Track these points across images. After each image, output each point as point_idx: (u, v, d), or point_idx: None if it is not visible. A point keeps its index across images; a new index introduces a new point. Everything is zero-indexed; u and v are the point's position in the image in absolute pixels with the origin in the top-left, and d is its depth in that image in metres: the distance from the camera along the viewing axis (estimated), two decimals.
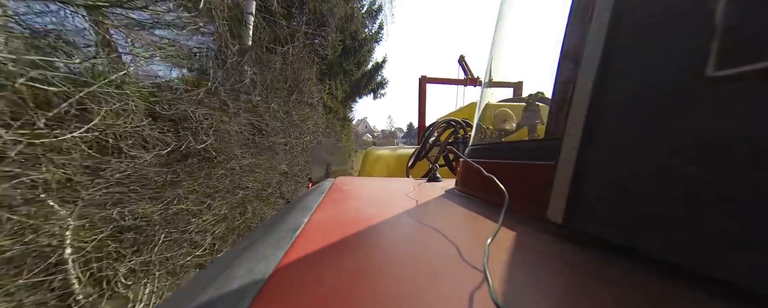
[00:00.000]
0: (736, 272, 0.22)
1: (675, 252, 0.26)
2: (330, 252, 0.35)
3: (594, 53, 0.36)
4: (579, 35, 0.43)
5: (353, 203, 0.65)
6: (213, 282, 0.28)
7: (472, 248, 0.36)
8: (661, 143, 0.28)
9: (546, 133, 0.60)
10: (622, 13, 0.34)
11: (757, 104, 0.21)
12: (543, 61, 0.63)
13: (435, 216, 0.55)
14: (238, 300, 0.24)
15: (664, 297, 0.25)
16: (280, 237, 0.39)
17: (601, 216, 0.34)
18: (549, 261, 0.33)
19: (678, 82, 0.27)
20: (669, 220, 0.26)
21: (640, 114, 0.31)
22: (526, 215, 0.49)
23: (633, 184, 0.30)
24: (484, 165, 0.62)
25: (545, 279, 0.29)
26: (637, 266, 0.29)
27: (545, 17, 0.69)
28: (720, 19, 0.24)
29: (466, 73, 5.00)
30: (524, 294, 0.25)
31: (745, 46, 0.22)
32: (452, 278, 0.28)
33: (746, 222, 0.21)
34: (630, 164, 0.31)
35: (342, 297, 0.24)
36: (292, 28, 5.63)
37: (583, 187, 0.36)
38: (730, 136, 0.23)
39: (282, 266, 0.30)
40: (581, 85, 0.38)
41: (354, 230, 0.44)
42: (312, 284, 0.26)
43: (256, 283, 0.26)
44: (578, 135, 0.37)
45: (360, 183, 1.04)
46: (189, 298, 0.26)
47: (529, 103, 1.18)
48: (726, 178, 0.23)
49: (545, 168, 0.44)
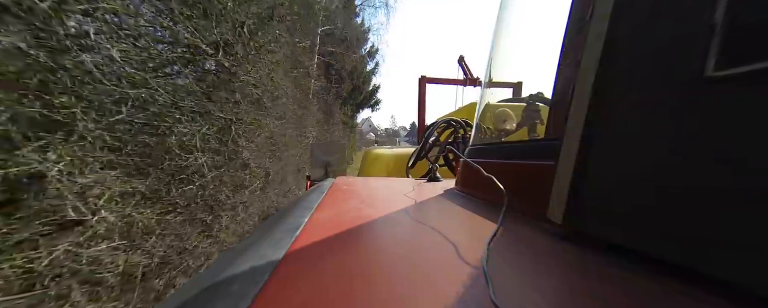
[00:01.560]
0: (735, 272, 0.22)
1: (674, 252, 0.26)
2: (330, 252, 0.35)
3: (594, 53, 0.36)
4: (579, 36, 0.43)
5: (353, 203, 0.65)
6: (213, 282, 0.28)
7: (471, 248, 0.36)
8: (661, 143, 0.28)
9: (546, 133, 0.60)
10: (622, 13, 0.34)
11: (757, 104, 0.21)
12: (543, 61, 0.63)
13: (435, 216, 0.55)
14: (238, 299, 0.24)
15: (663, 296, 0.25)
16: (280, 237, 0.39)
17: (601, 216, 0.34)
18: (549, 261, 0.33)
19: (677, 82, 0.27)
20: (668, 220, 0.26)
21: (639, 114, 0.31)
22: (526, 215, 0.49)
23: (633, 184, 0.30)
24: (484, 165, 0.62)
25: (545, 279, 0.29)
26: (637, 266, 0.30)
27: (545, 17, 0.69)
28: (719, 19, 0.24)
29: (466, 74, 5.00)
30: (524, 294, 0.25)
31: (744, 46, 0.22)
32: (452, 278, 0.28)
33: (746, 222, 0.21)
34: (630, 164, 0.31)
35: (342, 296, 0.24)
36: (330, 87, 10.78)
37: (583, 187, 0.36)
38: (729, 135, 0.23)
39: (282, 266, 0.30)
40: (581, 85, 0.38)
41: (354, 230, 0.44)
42: (312, 284, 0.26)
43: (256, 283, 0.26)
44: (578, 135, 0.37)
45: (360, 183, 1.04)
46: (189, 298, 0.26)
47: (528, 103, 1.18)
48: (726, 178, 0.23)
49: (545, 169, 0.44)
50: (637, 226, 0.29)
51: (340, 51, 10.70)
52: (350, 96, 13.64)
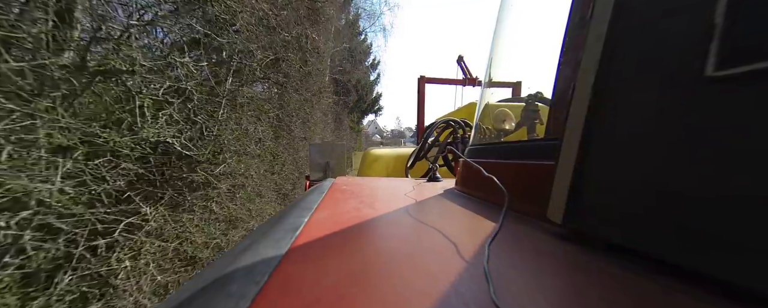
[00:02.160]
0: (736, 272, 0.22)
1: (675, 252, 0.26)
2: (330, 253, 0.35)
3: (594, 53, 0.36)
4: (579, 35, 0.43)
5: (353, 203, 0.65)
6: (213, 282, 0.28)
7: (472, 248, 0.36)
8: (661, 143, 0.28)
9: (546, 133, 0.61)
10: (622, 13, 0.34)
11: (757, 104, 0.21)
12: (543, 61, 0.63)
13: (435, 216, 0.55)
14: (238, 299, 0.24)
15: (663, 296, 0.25)
16: (280, 238, 0.39)
17: (601, 216, 0.34)
18: (549, 261, 0.33)
19: (677, 81, 0.27)
20: (668, 220, 0.26)
21: (639, 114, 0.31)
22: (526, 215, 0.49)
23: (633, 184, 0.30)
24: (483, 165, 0.62)
25: (545, 279, 0.29)
26: (637, 266, 0.30)
27: (545, 17, 0.69)
28: (719, 19, 0.24)
29: (465, 73, 5.00)
30: (524, 294, 0.25)
31: (744, 46, 0.22)
32: (452, 278, 0.28)
33: (746, 222, 0.21)
34: (630, 164, 0.31)
35: (342, 297, 0.24)
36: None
37: (583, 187, 0.36)
38: (729, 135, 0.23)
39: (282, 266, 0.30)
40: (581, 85, 0.38)
41: (354, 230, 0.44)
42: (312, 284, 0.26)
43: (256, 283, 0.26)
44: (578, 135, 0.37)
45: (360, 183, 1.04)
46: (189, 298, 0.26)
47: (528, 103, 1.18)
48: (726, 178, 0.23)
49: (545, 168, 0.44)
50: (637, 226, 0.29)
51: (347, 69, 12.70)
52: (356, 105, 15.93)
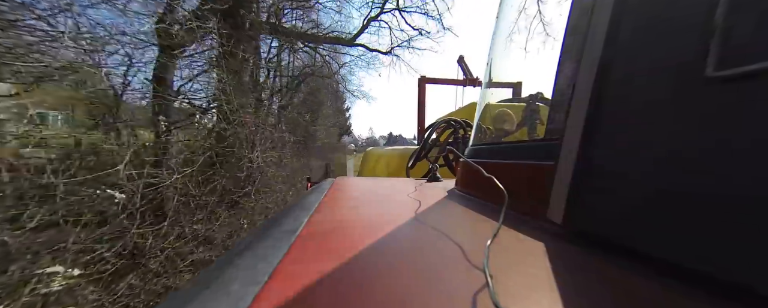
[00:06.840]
0: (735, 272, 0.22)
1: (674, 252, 0.26)
2: (329, 253, 0.35)
3: (594, 53, 0.36)
4: (579, 36, 0.43)
5: (353, 203, 0.65)
6: (213, 282, 0.28)
7: (472, 248, 0.36)
8: (661, 143, 0.28)
9: (546, 133, 0.61)
10: (622, 14, 0.34)
11: (756, 104, 0.21)
12: (543, 61, 0.63)
13: (435, 216, 0.55)
14: (238, 300, 0.24)
15: (663, 296, 0.25)
16: (279, 238, 0.39)
17: (601, 216, 0.34)
18: (549, 261, 0.33)
19: (677, 82, 0.27)
20: (669, 220, 0.26)
21: (640, 114, 0.31)
22: (526, 215, 0.49)
23: (633, 184, 0.30)
24: (484, 166, 0.62)
25: (545, 279, 0.29)
26: (637, 266, 0.30)
27: (545, 17, 0.69)
28: (719, 20, 0.24)
29: (466, 74, 5.00)
30: (524, 294, 0.25)
31: (744, 46, 0.22)
32: (452, 278, 0.28)
33: (746, 222, 0.21)
34: (630, 164, 0.31)
35: (341, 297, 0.24)
36: None
37: (583, 187, 0.36)
38: (729, 135, 0.23)
39: (281, 266, 0.30)
40: (581, 85, 0.38)
41: (353, 230, 0.44)
42: (311, 284, 0.26)
43: (256, 283, 0.26)
44: (578, 135, 0.37)
45: (360, 183, 1.04)
46: (189, 298, 0.26)
47: (529, 103, 1.18)
48: (726, 178, 0.23)
49: (545, 168, 0.44)
50: (638, 226, 0.29)
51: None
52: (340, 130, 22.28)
